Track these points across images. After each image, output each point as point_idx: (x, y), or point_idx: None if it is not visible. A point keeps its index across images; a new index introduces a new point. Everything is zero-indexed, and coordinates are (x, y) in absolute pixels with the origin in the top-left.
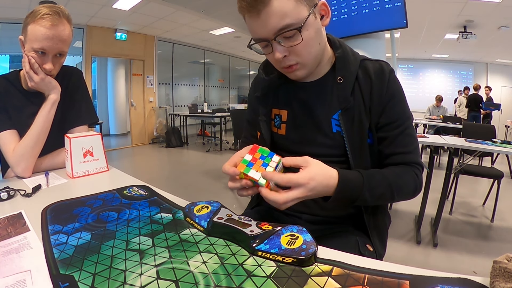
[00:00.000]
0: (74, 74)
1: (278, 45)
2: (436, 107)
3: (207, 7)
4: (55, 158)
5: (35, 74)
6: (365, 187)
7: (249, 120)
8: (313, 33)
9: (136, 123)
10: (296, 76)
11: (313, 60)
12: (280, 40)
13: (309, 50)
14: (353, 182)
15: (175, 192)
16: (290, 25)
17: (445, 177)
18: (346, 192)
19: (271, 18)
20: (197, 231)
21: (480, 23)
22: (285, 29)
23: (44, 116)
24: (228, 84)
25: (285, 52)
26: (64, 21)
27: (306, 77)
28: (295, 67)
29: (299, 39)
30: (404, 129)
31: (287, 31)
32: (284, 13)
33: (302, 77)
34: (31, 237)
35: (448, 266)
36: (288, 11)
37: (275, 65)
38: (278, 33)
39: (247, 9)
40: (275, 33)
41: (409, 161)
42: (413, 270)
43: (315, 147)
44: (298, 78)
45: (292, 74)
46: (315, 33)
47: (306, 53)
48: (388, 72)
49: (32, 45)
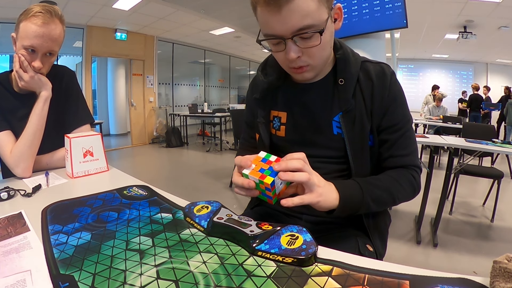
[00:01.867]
0: (66, 74)
1: (294, 44)
2: (436, 107)
3: (207, 7)
4: (55, 154)
5: (25, 72)
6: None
7: (247, 122)
8: (328, 36)
9: (136, 123)
10: (304, 77)
11: (323, 62)
12: (296, 40)
13: (322, 53)
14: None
15: (175, 192)
16: (311, 26)
17: (445, 177)
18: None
19: (292, 15)
20: (197, 231)
21: (480, 23)
22: (305, 29)
23: (38, 114)
24: (228, 84)
25: (299, 53)
26: (56, 21)
27: (312, 79)
28: (305, 69)
29: (317, 41)
30: (404, 132)
31: (307, 32)
32: (307, 13)
33: (309, 78)
34: (31, 237)
35: (448, 266)
36: (311, 11)
37: (282, 64)
38: (297, 33)
39: (266, 2)
40: (294, 32)
41: (407, 164)
42: (413, 270)
43: (315, 149)
44: (305, 79)
45: (299, 75)
46: (330, 37)
47: (319, 56)
48: (389, 75)
49: (23, 42)
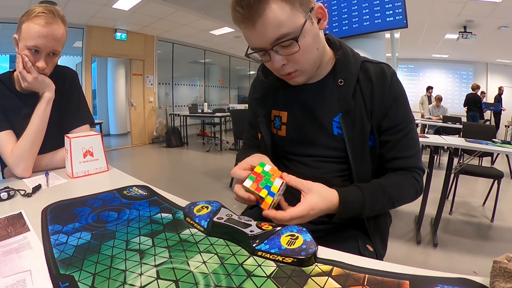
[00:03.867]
0: (69, 75)
1: (276, 54)
2: (436, 107)
3: (207, 7)
4: (55, 155)
5: (28, 73)
6: (366, 206)
7: (249, 122)
8: (310, 40)
9: (136, 123)
10: (296, 82)
11: (312, 65)
12: (277, 49)
13: (307, 57)
14: (354, 203)
15: (175, 192)
16: (286, 34)
17: (445, 177)
18: (347, 213)
19: (266, 28)
20: (197, 231)
21: (480, 23)
22: (281, 38)
23: (40, 115)
24: (228, 84)
25: (283, 61)
26: (58, 21)
27: (306, 82)
28: (294, 74)
29: (296, 47)
30: (407, 133)
31: (284, 41)
32: (280, 23)
33: (302, 82)
34: (31, 237)
35: (448, 266)
36: (284, 20)
37: (274, 72)
38: (275, 43)
39: (242, 20)
40: (272, 43)
41: (411, 166)
42: (413, 270)
43: (316, 148)
44: (297, 83)
45: (291, 81)
46: (312, 40)
47: (304, 60)
48: (389, 75)
49: (26, 42)
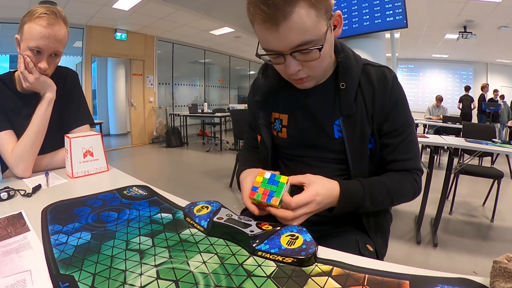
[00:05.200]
0: (69, 75)
1: (293, 59)
2: (436, 107)
3: (207, 7)
4: (55, 156)
5: (30, 73)
6: (366, 196)
7: (249, 124)
8: (328, 47)
9: (136, 123)
10: (305, 87)
11: (324, 72)
12: (295, 55)
13: (322, 64)
14: (354, 193)
15: (175, 192)
16: (310, 41)
17: (445, 177)
18: (349, 202)
19: (290, 32)
20: (197, 231)
21: (480, 23)
22: (303, 45)
23: (41, 116)
24: (228, 84)
25: (299, 67)
26: (60, 22)
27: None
28: (306, 80)
29: (317, 55)
30: (407, 136)
31: (306, 48)
32: (305, 29)
33: (310, 87)
34: (31, 237)
35: (448, 266)
36: (309, 26)
37: (283, 75)
38: (296, 49)
39: (264, 20)
40: (293, 48)
41: (410, 168)
42: (413, 270)
43: (316, 150)
44: (306, 88)
45: (301, 85)
46: (329, 47)
47: (320, 67)
48: (391, 80)
49: (28, 43)
